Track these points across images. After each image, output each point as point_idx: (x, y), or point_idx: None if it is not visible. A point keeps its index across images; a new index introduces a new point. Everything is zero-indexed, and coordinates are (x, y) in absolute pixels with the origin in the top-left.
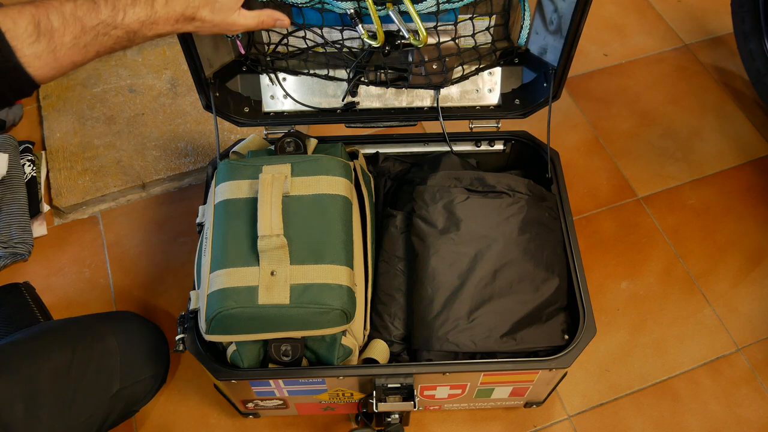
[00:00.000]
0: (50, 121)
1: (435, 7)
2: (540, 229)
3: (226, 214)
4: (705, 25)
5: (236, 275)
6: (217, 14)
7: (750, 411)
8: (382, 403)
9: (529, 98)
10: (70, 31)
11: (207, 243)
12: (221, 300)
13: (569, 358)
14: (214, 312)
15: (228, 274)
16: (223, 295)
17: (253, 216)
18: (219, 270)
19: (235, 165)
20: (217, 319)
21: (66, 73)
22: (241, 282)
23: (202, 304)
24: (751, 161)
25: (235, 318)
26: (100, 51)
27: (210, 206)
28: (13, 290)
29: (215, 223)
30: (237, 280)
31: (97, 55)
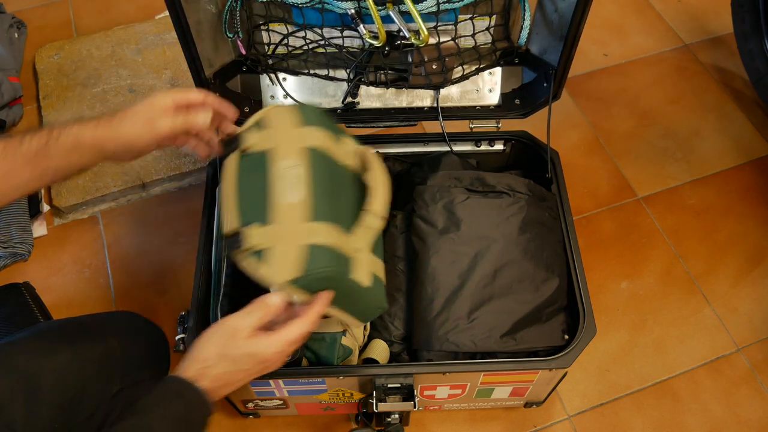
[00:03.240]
0: (50, 121)
1: (435, 7)
2: (540, 229)
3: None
4: (705, 25)
5: (340, 239)
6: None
7: (750, 411)
8: (382, 403)
9: (529, 98)
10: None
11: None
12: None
13: (569, 358)
14: (317, 268)
15: (335, 234)
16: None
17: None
18: (324, 222)
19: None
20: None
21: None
22: (343, 248)
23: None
24: (751, 161)
25: (327, 282)
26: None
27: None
28: (13, 290)
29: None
30: (341, 244)
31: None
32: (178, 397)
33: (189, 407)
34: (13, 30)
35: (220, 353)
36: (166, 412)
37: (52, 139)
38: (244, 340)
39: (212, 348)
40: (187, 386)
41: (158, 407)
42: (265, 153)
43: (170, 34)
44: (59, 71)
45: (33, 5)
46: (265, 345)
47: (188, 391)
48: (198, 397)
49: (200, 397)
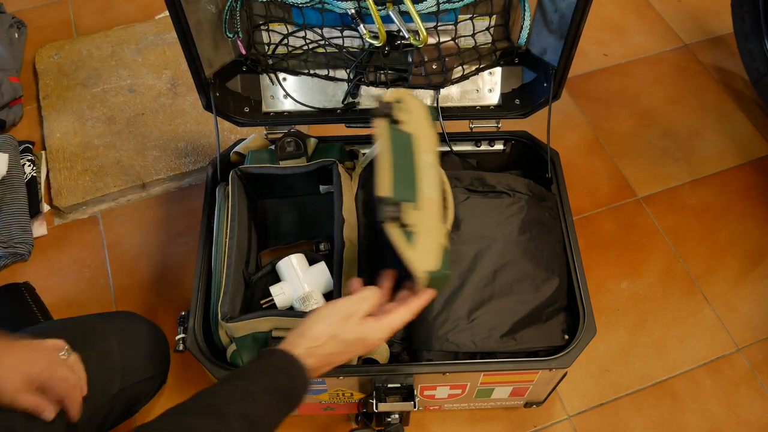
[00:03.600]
0: (50, 121)
1: (435, 7)
2: (540, 229)
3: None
4: (705, 25)
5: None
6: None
7: (750, 411)
8: (382, 403)
9: (530, 98)
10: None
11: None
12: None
13: (569, 358)
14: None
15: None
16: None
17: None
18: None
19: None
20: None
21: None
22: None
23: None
24: (751, 161)
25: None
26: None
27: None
28: (13, 290)
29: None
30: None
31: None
32: (283, 371)
33: (291, 382)
34: (13, 30)
35: (332, 334)
36: (269, 382)
37: None
38: (357, 324)
39: (324, 328)
40: (293, 361)
41: (261, 376)
42: (410, 135)
43: (170, 34)
44: (59, 71)
45: (33, 5)
46: (374, 329)
47: (293, 366)
48: (301, 374)
49: (303, 374)
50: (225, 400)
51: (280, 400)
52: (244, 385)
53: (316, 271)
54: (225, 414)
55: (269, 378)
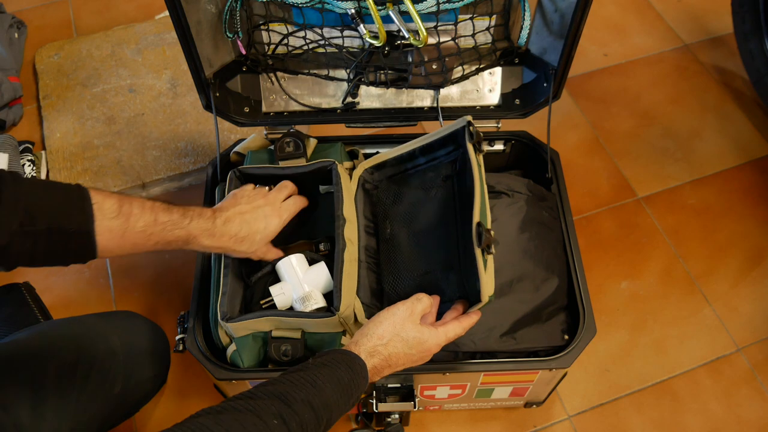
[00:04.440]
0: (50, 121)
1: (435, 7)
2: (540, 228)
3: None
4: (705, 25)
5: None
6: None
7: (750, 411)
8: (382, 403)
9: (530, 98)
10: (143, 220)
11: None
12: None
13: (569, 358)
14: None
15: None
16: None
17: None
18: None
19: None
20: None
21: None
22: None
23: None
24: (751, 161)
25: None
26: (158, 243)
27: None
28: (13, 290)
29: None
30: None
31: (155, 246)
32: (346, 366)
33: (353, 377)
34: (13, 30)
35: (394, 332)
36: (332, 375)
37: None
38: (416, 324)
39: (386, 327)
40: (356, 358)
41: (326, 369)
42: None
43: (170, 34)
44: (59, 71)
45: (33, 5)
46: (431, 334)
47: (356, 363)
48: (362, 371)
49: (364, 371)
50: (290, 387)
51: (343, 393)
52: (309, 376)
53: (316, 271)
54: (290, 399)
55: (333, 371)
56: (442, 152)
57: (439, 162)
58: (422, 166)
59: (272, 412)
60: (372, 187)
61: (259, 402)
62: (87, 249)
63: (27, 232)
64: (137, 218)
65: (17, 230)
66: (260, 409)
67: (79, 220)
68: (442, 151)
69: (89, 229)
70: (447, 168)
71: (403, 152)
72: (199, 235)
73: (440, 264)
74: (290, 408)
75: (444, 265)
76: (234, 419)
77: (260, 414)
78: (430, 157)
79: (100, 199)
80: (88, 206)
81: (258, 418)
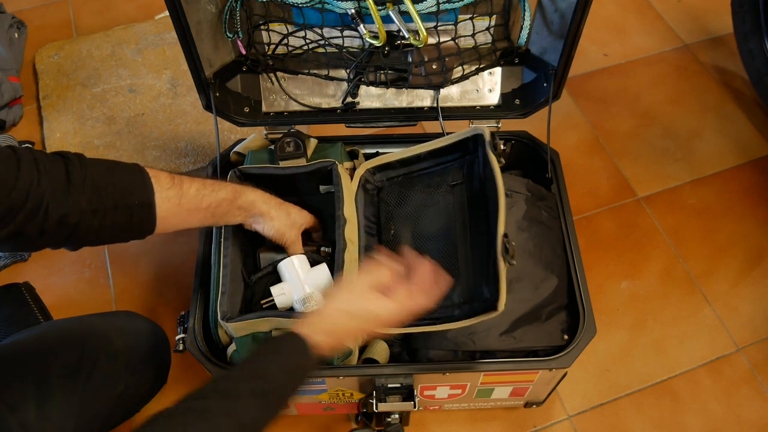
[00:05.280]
0: (50, 121)
1: (435, 7)
2: (539, 228)
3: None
4: (705, 25)
5: None
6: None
7: (750, 411)
8: (382, 403)
9: (530, 98)
10: (195, 185)
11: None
12: None
13: (569, 358)
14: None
15: None
16: None
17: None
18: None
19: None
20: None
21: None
22: None
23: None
24: (751, 161)
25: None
26: (210, 205)
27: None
28: (13, 290)
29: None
30: None
31: (207, 210)
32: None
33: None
34: (13, 30)
35: (338, 308)
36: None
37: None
38: (362, 296)
39: (331, 304)
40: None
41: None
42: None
43: (170, 34)
44: (59, 71)
45: (33, 5)
46: (383, 305)
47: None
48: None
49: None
50: (236, 382)
51: (290, 376)
52: (255, 367)
53: (318, 272)
54: (237, 394)
55: (279, 358)
56: (449, 157)
57: (445, 167)
58: (428, 170)
59: (220, 410)
60: (373, 188)
61: (206, 402)
62: (148, 221)
63: (95, 209)
64: (189, 185)
65: (86, 208)
66: (208, 408)
67: (141, 193)
68: (449, 156)
69: (151, 201)
70: (455, 174)
71: (409, 155)
72: (243, 188)
73: (445, 268)
74: (237, 403)
75: (449, 269)
76: (183, 422)
77: (208, 414)
78: (437, 162)
79: (156, 173)
80: (147, 180)
81: (206, 420)
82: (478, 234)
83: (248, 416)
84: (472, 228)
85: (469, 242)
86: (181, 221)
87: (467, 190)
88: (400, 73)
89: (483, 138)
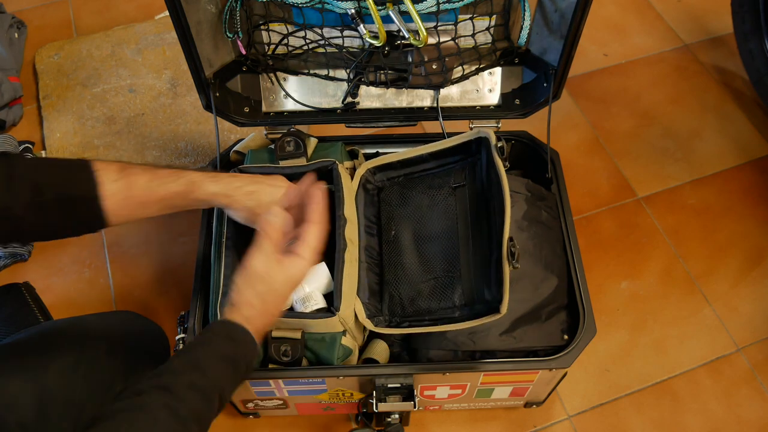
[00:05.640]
0: (50, 121)
1: (435, 7)
2: (539, 228)
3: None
4: (705, 25)
5: None
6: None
7: (750, 411)
8: (382, 403)
9: (530, 98)
10: (145, 176)
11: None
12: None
13: (569, 358)
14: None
15: None
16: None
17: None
18: None
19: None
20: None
21: (129, 218)
22: None
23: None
24: (751, 161)
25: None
26: (164, 198)
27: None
28: (13, 290)
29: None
30: None
31: (161, 203)
32: (227, 339)
33: (236, 347)
34: (13, 30)
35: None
36: (214, 351)
37: (191, 191)
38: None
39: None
40: (235, 327)
41: (206, 347)
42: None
43: (170, 34)
44: (59, 71)
45: (33, 5)
46: (295, 265)
47: (237, 332)
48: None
49: (248, 336)
50: (173, 375)
51: (228, 366)
52: (190, 358)
53: (317, 272)
54: (174, 387)
55: (213, 348)
56: (451, 159)
57: (447, 168)
58: (429, 171)
59: (159, 404)
60: (373, 188)
61: (144, 397)
62: (95, 214)
63: (37, 203)
64: (138, 176)
65: (29, 202)
66: (147, 404)
67: (83, 186)
68: (451, 158)
69: (95, 194)
70: (457, 176)
71: (412, 156)
72: (202, 180)
73: (446, 270)
74: (176, 396)
75: (450, 271)
76: (123, 421)
77: (147, 409)
78: (439, 163)
79: (103, 166)
80: (91, 172)
81: (146, 414)
82: (480, 236)
83: (189, 410)
84: (473, 230)
85: (471, 244)
86: (135, 213)
87: (469, 192)
88: (400, 73)
89: (487, 140)
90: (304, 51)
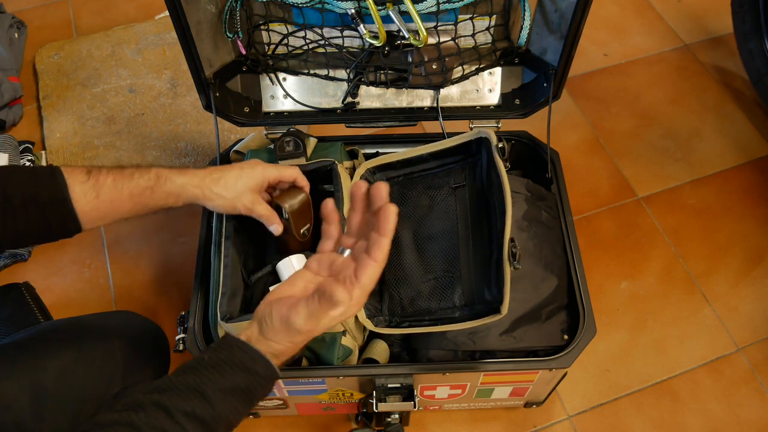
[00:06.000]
0: (50, 121)
1: (435, 7)
2: (538, 228)
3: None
4: (705, 25)
5: None
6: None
7: (750, 411)
8: (382, 403)
9: (529, 98)
10: (112, 175)
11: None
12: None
13: (569, 358)
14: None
15: None
16: None
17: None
18: None
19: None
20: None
21: (103, 220)
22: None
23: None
24: (751, 161)
25: None
26: (132, 194)
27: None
28: (13, 290)
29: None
30: None
31: (131, 200)
32: (243, 369)
33: (252, 380)
34: (13, 30)
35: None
36: (225, 382)
37: (158, 184)
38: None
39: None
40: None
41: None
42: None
43: (170, 34)
44: (59, 71)
45: (33, 5)
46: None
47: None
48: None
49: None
50: (176, 397)
51: (240, 398)
52: (199, 383)
53: None
54: (176, 413)
55: (227, 378)
56: (451, 159)
57: (447, 169)
58: (429, 171)
59: (154, 425)
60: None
61: (141, 416)
62: (67, 218)
63: (4, 209)
64: (106, 176)
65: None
66: (142, 422)
67: (51, 189)
68: (451, 158)
69: (64, 197)
70: (457, 176)
71: (412, 156)
72: (168, 173)
73: (446, 270)
74: (175, 421)
75: (450, 271)
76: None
77: (141, 429)
78: (439, 163)
79: (71, 170)
80: (59, 176)
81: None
82: (480, 236)
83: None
84: (473, 230)
85: (471, 244)
86: (108, 213)
87: (469, 192)
88: (400, 73)
89: (487, 141)
90: (304, 51)
